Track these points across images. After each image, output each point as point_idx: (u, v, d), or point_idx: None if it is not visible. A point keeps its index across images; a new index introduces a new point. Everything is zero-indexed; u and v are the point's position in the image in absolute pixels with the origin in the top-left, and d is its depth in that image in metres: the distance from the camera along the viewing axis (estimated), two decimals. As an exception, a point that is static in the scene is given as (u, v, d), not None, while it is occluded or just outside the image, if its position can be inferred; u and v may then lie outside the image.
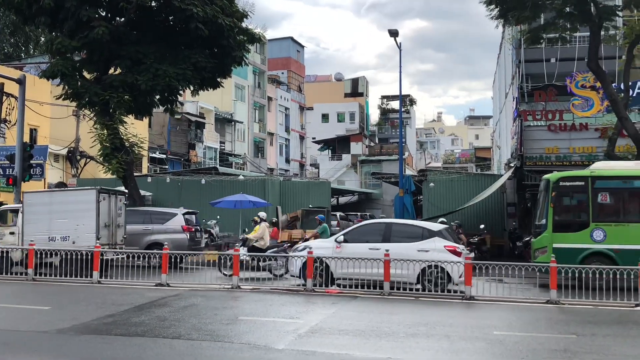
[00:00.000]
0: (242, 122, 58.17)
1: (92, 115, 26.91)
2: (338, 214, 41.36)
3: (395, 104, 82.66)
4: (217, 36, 25.31)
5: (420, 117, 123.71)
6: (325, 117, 78.78)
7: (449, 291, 15.58)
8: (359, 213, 46.76)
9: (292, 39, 74.87)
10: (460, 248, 16.27)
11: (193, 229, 23.45)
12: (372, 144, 75.80)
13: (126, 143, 25.37)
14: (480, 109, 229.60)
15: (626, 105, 21.86)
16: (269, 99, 64.33)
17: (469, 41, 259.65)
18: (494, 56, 49.58)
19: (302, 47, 78.89)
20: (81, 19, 23.96)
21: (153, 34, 25.57)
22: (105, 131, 25.04)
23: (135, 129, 27.78)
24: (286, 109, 68.82)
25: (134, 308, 12.58)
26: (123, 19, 25.47)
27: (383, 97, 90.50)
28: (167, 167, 44.27)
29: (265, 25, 45.41)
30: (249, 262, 17.87)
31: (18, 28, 47.36)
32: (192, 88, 27.33)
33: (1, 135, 27.78)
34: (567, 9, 20.86)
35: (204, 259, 20.33)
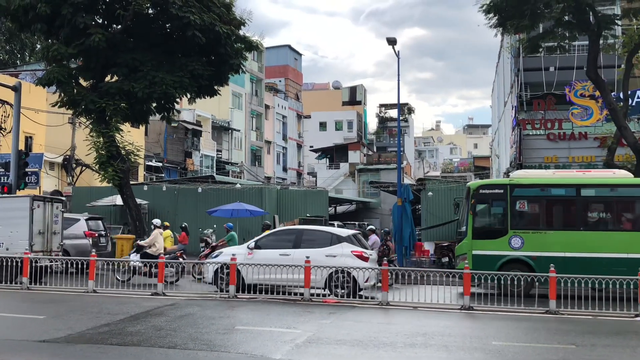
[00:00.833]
0: (239, 130, 58.25)
1: (88, 123, 26.93)
2: (336, 223, 41.34)
3: (394, 113, 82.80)
4: (214, 44, 25.38)
5: (418, 125, 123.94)
6: (322, 126, 78.84)
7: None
8: (357, 222, 46.77)
9: (289, 46, 75.09)
10: (367, 253, 16.75)
11: (96, 235, 23.93)
12: (370, 152, 75.89)
13: (122, 151, 25.39)
14: (479, 117, 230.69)
15: (625, 115, 21.93)
16: (266, 107, 64.44)
17: (467, 50, 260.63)
18: (492, 65, 49.77)
19: (300, 55, 79.12)
20: (77, 26, 24.03)
21: (150, 42, 25.63)
22: (102, 139, 25.06)
23: (132, 137, 27.81)
24: (283, 117, 68.91)
25: (129, 317, 12.56)
26: (120, 26, 25.54)
27: (381, 106, 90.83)
28: (163, 175, 44.28)
29: (262, 33, 45.47)
30: (140, 267, 18.29)
31: (14, 35, 47.44)
32: (189, 96, 27.36)
33: (-4, 142, 27.76)
34: (566, 18, 20.96)
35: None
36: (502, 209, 18.62)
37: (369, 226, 23.82)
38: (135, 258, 18.76)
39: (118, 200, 27.54)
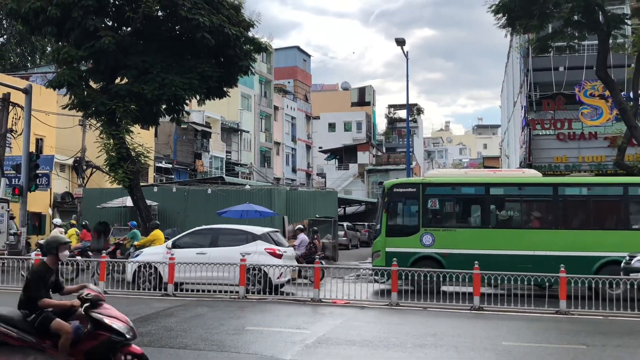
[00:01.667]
0: (248, 132, 58.34)
1: (98, 125, 27.02)
2: (345, 224, 41.37)
3: (403, 113, 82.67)
4: (223, 46, 25.44)
5: (427, 126, 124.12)
6: (332, 127, 78.84)
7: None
8: (366, 223, 46.76)
9: (298, 48, 75.11)
10: (281, 250, 17.13)
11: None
12: (380, 153, 75.87)
13: (132, 153, 25.47)
14: (488, 118, 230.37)
15: (635, 114, 21.83)
16: (275, 108, 64.52)
17: (477, 50, 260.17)
18: (502, 65, 49.65)
19: (309, 56, 79.13)
20: (88, 28, 24.14)
21: (159, 44, 25.71)
22: (112, 141, 25.16)
23: (142, 138, 27.88)
24: (292, 118, 68.97)
25: (140, 318, 12.59)
26: (129, 28, 25.64)
27: (390, 106, 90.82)
28: (173, 176, 44.41)
29: (271, 35, 45.38)
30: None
31: (24, 38, 47.69)
32: (198, 97, 27.42)
33: (7, 145, 27.91)
34: (575, 18, 20.90)
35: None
36: (414, 207, 19.10)
37: (298, 225, 24.27)
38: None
39: (128, 201, 27.62)
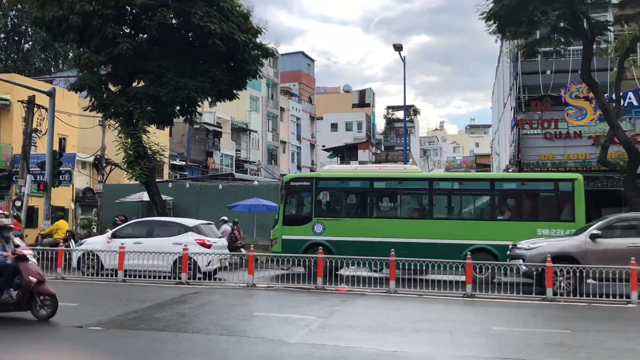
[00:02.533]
0: (256, 131, 58.34)
1: (117, 125, 27.02)
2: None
3: (400, 114, 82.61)
4: (233, 51, 25.43)
5: (423, 126, 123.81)
6: (334, 127, 78.80)
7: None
8: None
9: (303, 53, 75.02)
10: (210, 241, 17.57)
11: None
12: (379, 151, 75.80)
13: (149, 151, 25.49)
14: (480, 118, 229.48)
15: (618, 115, 21.77)
16: (282, 109, 64.50)
17: (470, 55, 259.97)
18: (493, 69, 49.51)
19: (313, 60, 79.05)
20: (107, 35, 24.15)
21: (173, 50, 25.71)
22: (129, 140, 25.18)
23: (157, 138, 27.90)
24: (297, 118, 68.93)
25: (156, 305, 12.63)
26: (146, 35, 25.63)
27: (389, 108, 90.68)
28: (186, 173, 44.43)
29: (278, 41, 45.57)
30: None
31: (48, 44, 47.73)
32: (209, 100, 27.44)
33: (33, 144, 27.95)
34: (562, 25, 20.83)
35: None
36: (308, 199, 19.82)
37: (222, 217, 24.61)
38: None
39: (145, 196, 27.67)
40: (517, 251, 15.78)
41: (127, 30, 25.94)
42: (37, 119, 27.61)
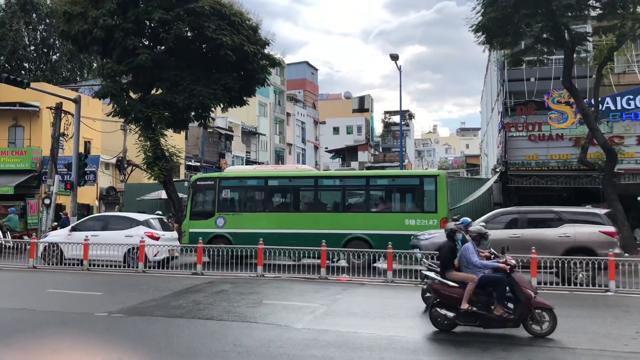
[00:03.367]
0: (264, 135, 58.34)
1: (137, 129, 27.08)
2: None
3: (397, 118, 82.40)
4: (243, 61, 25.46)
5: (418, 129, 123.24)
6: (336, 130, 78.65)
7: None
8: None
9: (307, 63, 74.97)
10: (158, 234, 17.86)
11: None
12: (377, 152, 75.68)
13: (166, 153, 25.54)
14: (470, 122, 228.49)
15: (596, 118, 21.70)
16: (288, 114, 64.47)
17: (461, 64, 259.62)
18: (482, 76, 49.42)
19: (316, 69, 78.98)
20: (127, 47, 24.20)
21: (188, 60, 25.74)
22: (149, 143, 25.23)
23: (174, 140, 27.96)
24: (302, 123, 68.90)
25: (173, 293, 12.66)
26: (163, 47, 25.68)
27: (386, 112, 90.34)
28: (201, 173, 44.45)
29: (284, 51, 45.79)
30: None
31: (74, 55, 47.78)
32: (222, 106, 27.48)
33: (60, 147, 28.02)
34: (544, 36, 20.76)
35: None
36: (212, 197, 20.29)
37: (168, 214, 25.20)
38: None
39: (163, 194, 27.73)
40: (416, 241, 16.16)
41: (146, 43, 26.01)
42: (64, 124, 27.69)
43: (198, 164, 45.29)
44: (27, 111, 31.40)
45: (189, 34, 25.27)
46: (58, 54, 50.35)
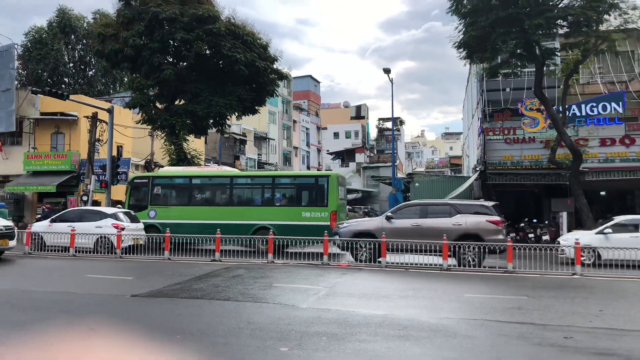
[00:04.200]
0: (274, 139, 58.31)
1: (163, 135, 27.13)
2: (347, 207, 41.03)
3: (389, 124, 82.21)
4: (255, 75, 25.49)
5: (408, 133, 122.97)
6: (336, 135, 78.55)
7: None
8: (362, 206, 46.63)
9: (311, 76, 74.89)
10: (123, 225, 18.04)
11: None
12: (372, 154, 75.55)
13: (188, 155, 25.60)
14: (453, 127, 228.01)
15: (564, 123, 21.64)
16: (294, 121, 64.42)
17: (446, 76, 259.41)
18: (463, 87, 49.28)
19: (319, 82, 78.89)
20: (154, 64, 24.23)
21: (207, 74, 25.77)
22: (173, 147, 25.29)
23: (195, 145, 27.99)
24: (307, 129, 68.84)
25: (194, 278, 12.64)
26: (185, 63, 25.71)
27: (380, 119, 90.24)
28: (218, 173, 44.36)
29: (290, 66, 45.68)
30: None
31: (108, 71, 47.85)
32: (236, 114, 27.53)
33: (96, 151, 28.05)
34: (518, 51, 20.73)
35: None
36: (146, 192, 20.63)
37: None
38: None
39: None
40: (337, 229, 16.76)
41: (170, 59, 26.04)
42: (99, 131, 27.69)
43: (216, 165, 45.25)
44: (67, 120, 31.45)
45: (207, 51, 25.29)
46: (94, 70, 50.40)
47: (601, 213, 23.49)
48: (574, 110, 24.20)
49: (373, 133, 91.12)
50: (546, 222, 23.72)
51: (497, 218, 15.47)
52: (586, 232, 16.75)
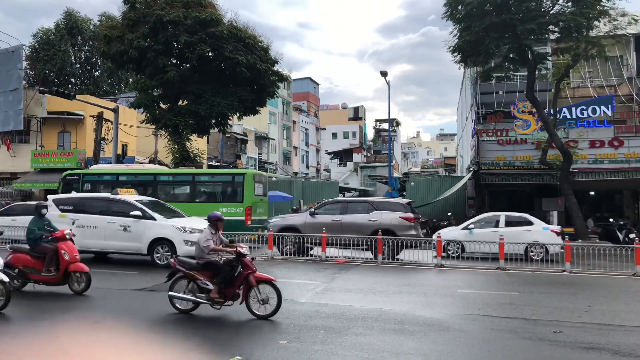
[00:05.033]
0: (274, 139, 58.27)
1: (166, 134, 27.11)
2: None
3: (386, 126, 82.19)
4: (256, 77, 25.47)
5: (404, 134, 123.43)
6: (334, 135, 78.51)
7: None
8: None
9: (310, 78, 74.79)
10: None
11: None
12: (369, 154, 75.60)
13: (191, 154, 25.58)
14: (448, 128, 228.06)
15: (555, 125, 21.68)
16: (294, 122, 64.38)
17: (441, 79, 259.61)
18: (457, 90, 49.33)
19: (318, 84, 78.79)
20: (158, 65, 24.21)
21: (209, 76, 25.75)
22: (176, 146, 25.28)
23: (197, 144, 27.97)
24: (306, 129, 68.80)
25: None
26: (188, 65, 25.68)
27: (377, 120, 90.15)
28: (220, 172, 44.37)
29: (290, 69, 45.74)
30: None
31: (113, 72, 47.73)
32: (238, 114, 27.50)
33: (101, 149, 28.04)
34: (511, 55, 20.76)
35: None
36: (76, 188, 20.89)
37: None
38: None
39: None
40: (267, 224, 17.51)
41: (174, 61, 26.01)
42: (105, 130, 27.71)
43: (218, 164, 45.22)
44: (74, 119, 31.43)
45: (210, 54, 25.27)
46: (99, 71, 50.33)
47: (590, 212, 23.56)
48: (564, 113, 24.24)
49: (370, 134, 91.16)
50: (537, 220, 23.76)
51: (410, 215, 16.11)
52: (456, 227, 17.69)
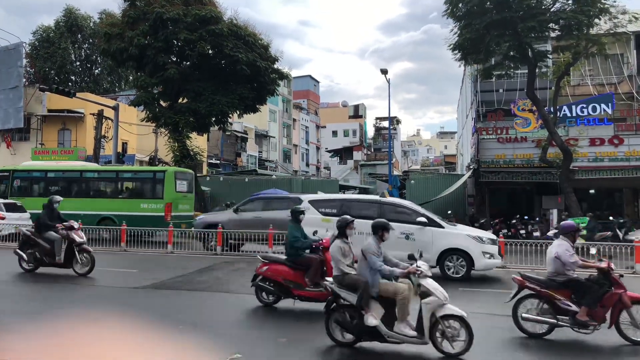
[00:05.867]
0: (274, 137, 58.29)
1: (166, 132, 27.12)
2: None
3: (386, 123, 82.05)
4: (256, 75, 25.46)
5: (404, 132, 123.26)
6: (334, 133, 78.47)
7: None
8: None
9: (310, 76, 74.79)
10: (4, 215, 18.26)
11: None
12: (369, 152, 75.56)
13: (191, 152, 25.60)
14: (448, 126, 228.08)
15: (555, 123, 21.67)
16: (294, 120, 64.38)
17: (442, 77, 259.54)
18: (458, 88, 49.31)
19: (318, 82, 78.83)
20: (158, 63, 24.20)
21: (210, 73, 25.74)
22: (176, 144, 25.28)
23: (197, 142, 27.98)
24: (306, 127, 68.81)
25: (197, 271, 12.67)
26: (188, 62, 25.68)
27: (377, 118, 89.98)
28: (220, 169, 44.42)
29: (291, 66, 45.77)
30: None
31: (113, 70, 47.77)
32: (238, 112, 27.49)
33: (102, 147, 28.06)
34: (511, 53, 20.73)
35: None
36: (7, 185, 21.22)
37: None
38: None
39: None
40: (194, 221, 17.95)
41: (174, 59, 26.00)
42: (105, 127, 27.73)
43: (218, 161, 45.30)
44: (74, 117, 31.45)
45: (210, 51, 25.26)
46: (100, 69, 50.33)
47: (591, 210, 23.56)
48: (564, 111, 24.23)
49: (370, 132, 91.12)
50: (537, 218, 23.78)
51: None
52: None
